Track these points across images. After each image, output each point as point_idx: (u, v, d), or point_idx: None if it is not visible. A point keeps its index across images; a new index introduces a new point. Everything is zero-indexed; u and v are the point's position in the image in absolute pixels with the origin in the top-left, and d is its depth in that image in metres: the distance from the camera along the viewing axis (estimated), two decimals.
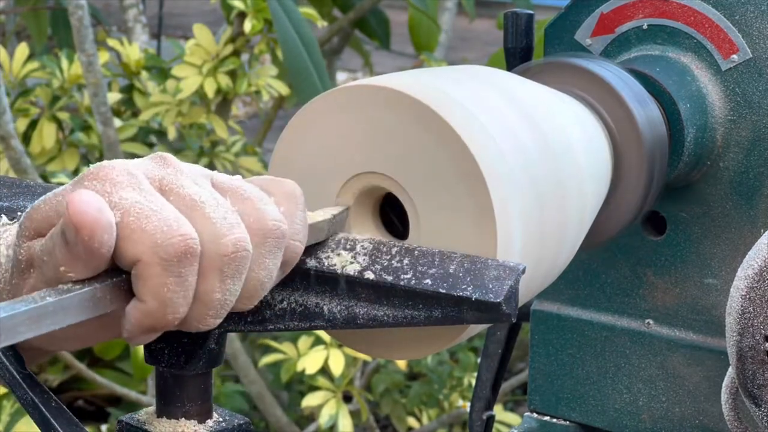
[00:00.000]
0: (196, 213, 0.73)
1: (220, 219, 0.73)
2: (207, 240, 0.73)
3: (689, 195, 1.15)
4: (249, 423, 0.86)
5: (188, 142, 3.42)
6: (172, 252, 0.71)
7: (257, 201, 0.76)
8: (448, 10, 4.23)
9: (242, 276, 0.74)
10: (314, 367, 2.85)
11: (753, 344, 0.98)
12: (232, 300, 0.75)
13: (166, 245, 0.71)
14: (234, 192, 0.76)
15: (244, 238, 0.73)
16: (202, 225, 0.73)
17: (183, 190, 0.74)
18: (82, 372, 3.13)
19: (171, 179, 0.74)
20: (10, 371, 0.78)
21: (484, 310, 0.80)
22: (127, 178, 0.73)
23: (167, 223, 0.71)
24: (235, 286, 0.74)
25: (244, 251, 0.73)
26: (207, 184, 0.76)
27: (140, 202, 0.71)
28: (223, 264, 0.73)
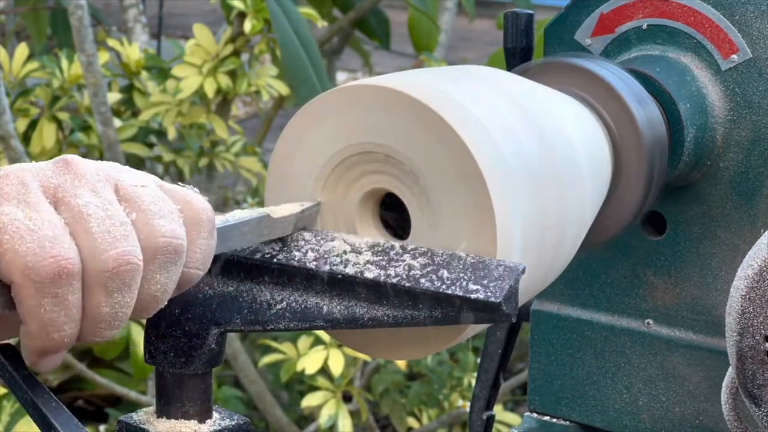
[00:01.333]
0: (80, 227, 0.72)
1: (103, 233, 0.72)
2: (88, 256, 0.72)
3: (689, 195, 1.15)
4: (249, 423, 0.86)
5: (188, 142, 3.42)
6: (43, 274, 0.70)
7: (152, 214, 0.74)
8: (448, 10, 4.23)
9: (131, 289, 0.73)
10: (314, 367, 2.85)
11: (753, 344, 0.98)
12: (126, 312, 0.74)
13: (38, 267, 0.70)
14: (132, 202, 0.75)
15: (129, 252, 0.72)
16: (85, 240, 0.72)
17: (74, 200, 0.73)
18: (82, 372, 3.13)
19: (66, 188, 0.73)
20: (10, 371, 0.78)
21: (484, 310, 0.80)
22: (16, 189, 0.72)
23: (41, 243, 0.70)
24: (125, 299, 0.73)
25: (128, 265, 0.72)
26: (107, 192, 0.74)
27: (18, 219, 0.71)
28: (106, 279, 0.72)
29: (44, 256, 0.70)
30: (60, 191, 0.73)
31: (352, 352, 2.90)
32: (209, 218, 0.77)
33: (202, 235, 0.77)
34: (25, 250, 0.70)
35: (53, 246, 0.71)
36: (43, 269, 0.70)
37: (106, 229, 0.72)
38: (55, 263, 0.70)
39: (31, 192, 0.72)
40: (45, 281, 0.70)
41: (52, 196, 0.73)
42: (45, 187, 0.73)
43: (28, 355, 0.74)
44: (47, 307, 0.71)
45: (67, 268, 0.71)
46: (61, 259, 0.71)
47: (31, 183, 0.73)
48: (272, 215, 0.86)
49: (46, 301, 0.71)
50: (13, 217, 0.71)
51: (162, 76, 3.42)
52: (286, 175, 0.91)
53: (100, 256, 0.72)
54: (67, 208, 0.73)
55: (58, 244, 0.71)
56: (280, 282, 0.85)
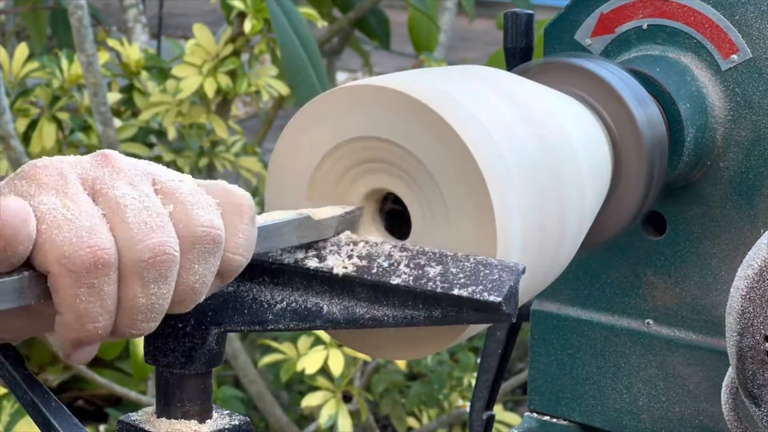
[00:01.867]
0: (117, 217, 0.72)
1: (140, 224, 0.72)
2: (124, 246, 0.72)
3: (689, 195, 1.15)
4: (249, 423, 0.86)
5: (188, 142, 3.42)
6: (80, 264, 0.70)
7: (190, 205, 0.75)
8: (448, 10, 4.23)
9: (168, 280, 0.73)
10: (314, 367, 2.85)
11: (753, 344, 0.98)
12: (163, 304, 0.74)
13: (74, 257, 0.70)
14: (170, 194, 0.75)
15: (165, 242, 0.72)
16: (121, 230, 0.72)
17: (112, 192, 0.73)
18: (82, 372, 3.13)
19: (104, 180, 0.74)
20: (10, 371, 0.78)
21: (484, 310, 0.80)
22: (54, 180, 0.72)
23: (78, 233, 0.71)
24: (162, 290, 0.73)
25: (164, 255, 0.72)
26: (144, 185, 0.75)
27: (57, 209, 0.71)
28: (142, 269, 0.72)
29: (81, 246, 0.70)
30: (98, 183, 0.74)
31: (352, 352, 2.90)
32: (250, 205, 0.78)
33: (244, 220, 0.77)
34: (62, 240, 0.70)
35: (90, 236, 0.71)
36: (79, 259, 0.70)
37: (143, 219, 0.73)
38: (92, 253, 0.71)
39: (69, 183, 0.73)
40: (81, 271, 0.71)
41: (90, 188, 0.73)
42: (83, 179, 0.74)
43: (62, 346, 0.74)
44: (83, 297, 0.71)
45: (104, 258, 0.71)
46: (97, 249, 0.71)
47: (70, 174, 0.73)
48: (313, 217, 0.86)
49: (82, 291, 0.71)
50: (51, 206, 0.71)
51: (162, 76, 3.42)
52: (286, 175, 0.91)
53: (136, 246, 0.72)
54: (105, 199, 0.73)
55: (95, 234, 0.71)
56: (280, 282, 0.85)
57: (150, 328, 0.75)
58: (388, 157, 0.88)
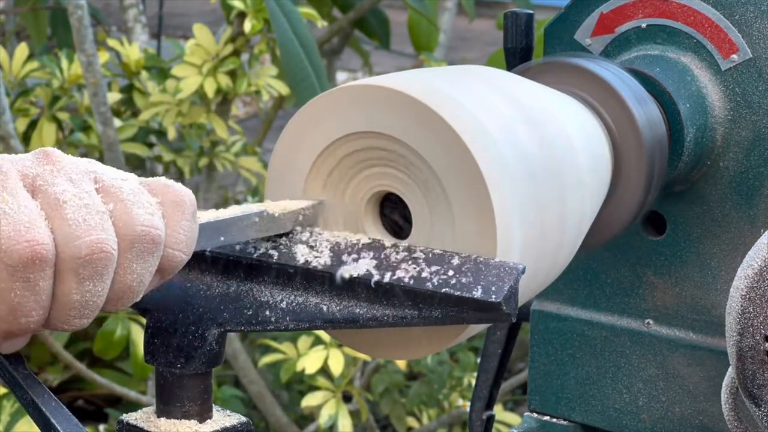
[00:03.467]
0: (56, 214, 0.72)
1: (78, 221, 0.73)
2: (62, 242, 0.72)
3: (689, 195, 1.15)
4: (249, 423, 0.86)
5: (188, 142, 3.42)
6: (17, 258, 0.71)
7: (130, 204, 0.75)
8: (448, 10, 4.23)
9: (104, 278, 0.73)
10: (314, 367, 2.85)
11: (753, 344, 0.98)
12: (97, 301, 0.74)
13: (11, 251, 0.71)
14: (110, 193, 0.75)
15: (103, 240, 0.73)
16: (60, 227, 0.72)
17: (52, 188, 0.73)
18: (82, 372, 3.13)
19: (45, 177, 0.74)
20: (10, 371, 0.78)
21: (484, 310, 0.80)
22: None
23: (16, 227, 0.71)
24: (97, 287, 0.73)
25: (101, 253, 0.73)
26: (85, 183, 0.75)
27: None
28: (78, 266, 0.72)
29: (18, 240, 0.71)
30: (38, 180, 0.74)
31: (352, 352, 2.90)
32: (191, 200, 0.78)
33: (185, 216, 0.77)
34: (0, 234, 0.71)
35: (28, 231, 0.71)
36: (16, 253, 0.71)
37: (82, 217, 0.73)
38: (29, 248, 0.71)
39: (9, 178, 0.73)
40: (18, 265, 0.71)
41: (30, 185, 0.74)
42: (24, 175, 0.74)
43: None
44: (18, 291, 0.71)
45: (41, 253, 0.71)
46: (35, 243, 0.71)
47: (10, 170, 0.73)
48: (271, 212, 0.86)
49: (17, 285, 0.71)
50: None
51: (162, 76, 3.42)
52: (286, 175, 0.91)
53: (73, 243, 0.72)
54: (44, 196, 0.73)
55: (33, 229, 0.71)
56: (280, 282, 0.85)
57: (82, 324, 0.75)
58: (388, 156, 0.88)
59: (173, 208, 0.77)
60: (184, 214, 0.77)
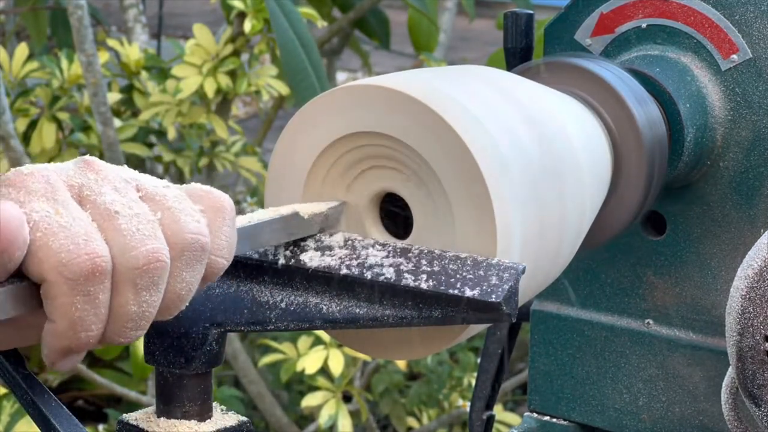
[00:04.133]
0: (109, 225, 0.71)
1: (132, 231, 0.72)
2: (118, 253, 0.71)
3: (689, 195, 1.15)
4: (249, 423, 0.86)
5: (188, 142, 3.42)
6: (77, 271, 0.69)
7: (178, 212, 0.74)
8: (448, 10, 4.23)
9: (159, 287, 0.73)
10: (314, 367, 2.85)
11: (753, 344, 0.98)
12: (151, 311, 0.73)
13: (72, 265, 0.69)
14: (156, 201, 0.74)
15: (158, 249, 0.72)
16: (114, 238, 0.71)
17: (100, 198, 0.72)
18: (82, 372, 3.13)
19: (91, 186, 0.73)
20: (10, 371, 0.78)
21: (484, 310, 0.80)
22: (43, 187, 0.71)
23: (74, 240, 0.70)
24: (153, 298, 0.73)
25: (157, 262, 0.72)
26: (130, 191, 0.74)
27: (50, 216, 0.70)
28: (135, 276, 0.72)
29: (79, 253, 0.69)
30: (85, 189, 0.73)
31: (352, 352, 2.90)
32: (231, 206, 0.77)
33: (226, 222, 0.76)
34: (59, 247, 0.69)
35: (87, 243, 0.70)
36: (77, 266, 0.69)
37: (135, 227, 0.72)
38: (90, 260, 0.70)
39: (58, 190, 0.72)
40: (79, 279, 0.70)
41: (77, 195, 0.73)
42: (70, 186, 0.73)
43: (49, 354, 0.73)
44: (78, 306, 0.70)
45: (101, 266, 0.70)
46: (95, 256, 0.70)
47: (57, 181, 0.72)
48: (301, 214, 0.86)
49: (78, 299, 0.70)
50: (44, 214, 0.70)
51: (162, 76, 3.42)
52: (286, 175, 0.91)
53: (130, 253, 0.71)
54: (94, 206, 0.72)
55: (92, 242, 0.70)
56: (280, 282, 0.85)
57: (137, 336, 0.74)
58: (388, 156, 0.88)
59: (215, 214, 0.76)
60: (225, 220, 0.77)
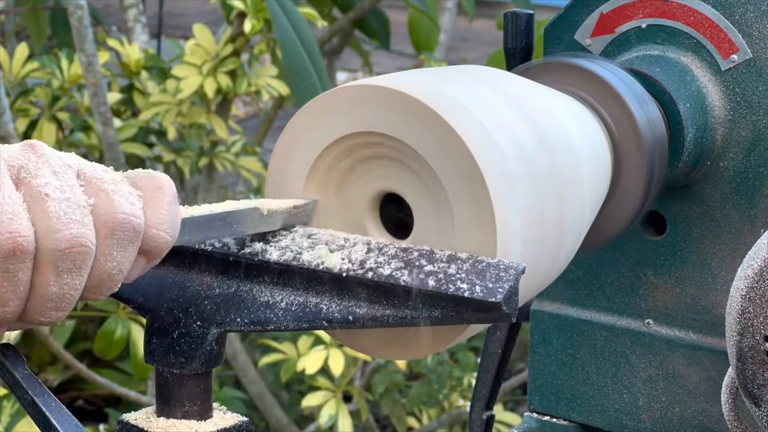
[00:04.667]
0: (38, 206, 0.73)
1: (60, 214, 0.73)
2: (42, 235, 0.73)
3: (689, 195, 1.15)
4: (249, 423, 0.86)
5: (188, 142, 3.42)
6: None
7: (113, 193, 0.76)
8: (448, 10, 4.23)
9: (81, 271, 0.74)
10: (314, 367, 2.85)
11: (753, 344, 0.98)
12: (74, 294, 0.75)
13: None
14: (93, 184, 0.76)
15: (82, 234, 0.74)
16: (41, 219, 0.73)
17: (35, 180, 0.74)
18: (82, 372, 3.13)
19: (29, 168, 0.75)
20: (10, 371, 0.78)
21: (484, 310, 0.80)
22: None
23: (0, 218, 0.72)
24: (75, 280, 0.74)
25: (80, 247, 0.73)
26: (69, 176, 0.76)
27: None
28: (57, 258, 0.73)
29: (1, 231, 0.71)
30: (23, 171, 0.74)
31: (352, 352, 2.90)
32: (170, 184, 0.79)
33: (165, 197, 0.78)
34: None
35: (11, 222, 0.72)
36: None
37: (63, 210, 0.74)
38: (11, 239, 0.72)
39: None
40: None
41: (15, 176, 0.74)
42: (10, 166, 0.74)
43: None
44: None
45: (22, 245, 0.72)
46: (17, 235, 0.72)
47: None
48: (260, 209, 0.86)
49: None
50: None
51: (162, 76, 3.42)
52: (286, 175, 0.91)
53: (53, 236, 0.73)
54: (28, 187, 0.74)
55: (16, 221, 0.72)
56: (280, 282, 0.85)
57: (58, 317, 0.76)
58: (388, 155, 0.88)
59: (153, 191, 0.78)
60: (165, 196, 0.78)
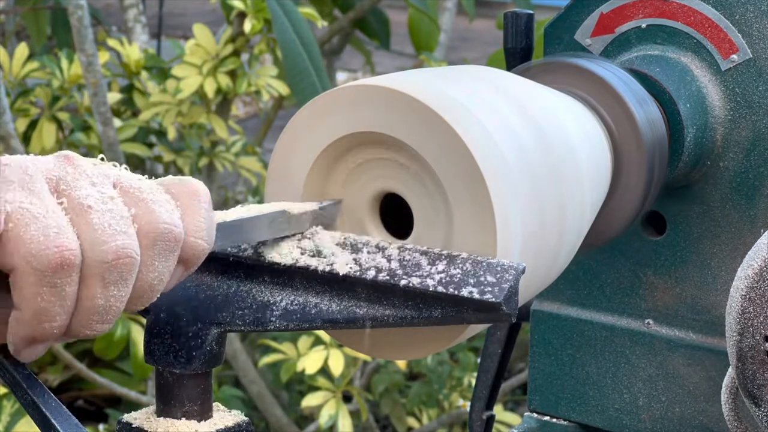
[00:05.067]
0: (81, 219, 0.72)
1: (104, 226, 0.73)
2: (88, 248, 0.72)
3: (689, 195, 1.15)
4: (249, 423, 0.86)
5: (188, 142, 3.42)
6: (46, 263, 0.70)
7: (152, 203, 0.75)
8: (448, 10, 4.23)
9: (127, 282, 0.74)
10: (314, 367, 2.85)
11: (753, 344, 0.98)
12: (118, 306, 0.74)
13: (41, 256, 0.70)
14: (131, 194, 0.75)
15: (128, 245, 0.73)
16: (85, 232, 0.72)
17: (75, 192, 0.73)
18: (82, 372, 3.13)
19: (67, 180, 0.74)
20: (10, 371, 0.78)
21: (484, 311, 0.80)
22: (20, 177, 0.72)
23: (45, 232, 0.71)
24: (120, 292, 0.74)
25: (126, 258, 0.73)
26: (107, 186, 0.75)
27: (23, 207, 0.71)
28: (104, 271, 0.72)
29: (48, 245, 0.70)
30: (62, 183, 0.73)
31: (352, 352, 2.90)
32: (205, 191, 0.78)
33: (202, 205, 0.77)
34: (30, 238, 0.70)
35: (58, 236, 0.71)
36: (46, 258, 0.70)
37: (107, 222, 0.73)
38: (59, 253, 0.71)
39: (36, 181, 0.72)
40: (47, 270, 0.70)
41: (53, 189, 0.73)
42: (48, 179, 0.73)
43: (13, 341, 0.74)
44: (44, 297, 0.71)
45: (70, 259, 0.71)
46: (64, 249, 0.71)
47: (35, 173, 0.73)
48: (291, 211, 0.86)
49: (44, 290, 0.71)
50: (18, 204, 0.71)
51: (162, 76, 3.42)
52: (287, 175, 0.91)
53: (99, 248, 0.72)
54: (69, 200, 0.73)
55: (63, 234, 0.71)
56: (280, 282, 0.85)
57: (104, 330, 0.75)
58: (389, 155, 0.88)
59: (189, 198, 0.77)
60: (201, 203, 0.77)
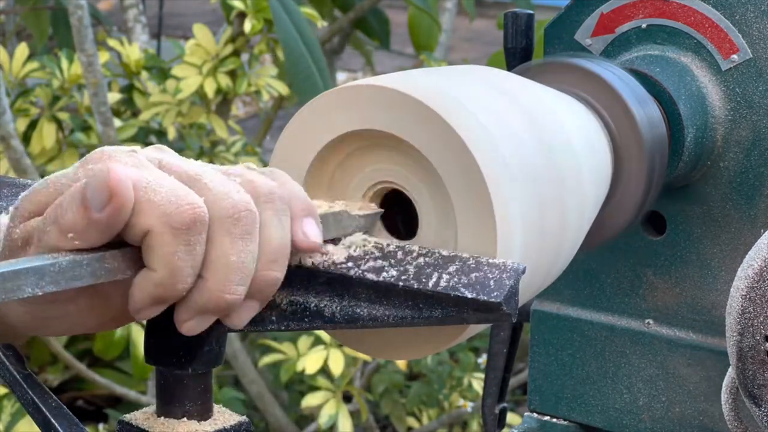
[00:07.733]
0: (197, 184, 0.75)
1: (219, 186, 0.75)
2: (210, 206, 0.75)
3: (689, 195, 1.15)
4: (249, 423, 0.86)
5: (188, 142, 3.42)
6: (180, 220, 0.73)
7: (252, 176, 0.79)
8: (448, 10, 4.23)
9: (253, 236, 0.76)
10: (314, 367, 2.85)
11: (753, 344, 0.98)
12: (250, 264, 0.76)
13: (175, 214, 0.73)
14: (230, 174, 0.79)
15: (245, 199, 0.76)
16: (204, 193, 0.75)
17: (181, 167, 0.76)
18: (82, 372, 3.13)
19: (169, 159, 0.77)
20: (10, 371, 0.78)
21: (485, 311, 0.80)
22: (130, 158, 0.75)
23: (174, 193, 0.73)
24: (249, 247, 0.75)
25: (246, 210, 0.75)
26: (207, 166, 0.78)
27: (144, 177, 0.73)
28: (229, 225, 0.75)
29: (180, 204, 0.73)
30: (164, 162, 0.76)
31: (352, 352, 2.90)
32: None
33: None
34: (161, 200, 0.73)
35: (187, 195, 0.74)
36: (180, 216, 0.73)
37: (221, 182, 0.76)
38: (192, 209, 0.73)
39: (143, 160, 0.75)
40: (182, 227, 0.73)
41: (157, 167, 0.76)
42: (150, 159, 0.76)
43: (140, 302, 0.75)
44: (180, 255, 0.73)
45: (201, 215, 0.73)
46: (196, 206, 0.73)
47: (140, 154, 0.76)
48: (351, 212, 0.86)
49: (180, 248, 0.73)
50: (139, 176, 0.73)
51: (162, 76, 3.42)
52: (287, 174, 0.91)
53: (221, 204, 0.75)
54: (177, 173, 0.76)
55: (191, 194, 0.74)
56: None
57: (241, 293, 0.76)
58: (389, 156, 0.88)
59: (281, 174, 0.82)
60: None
